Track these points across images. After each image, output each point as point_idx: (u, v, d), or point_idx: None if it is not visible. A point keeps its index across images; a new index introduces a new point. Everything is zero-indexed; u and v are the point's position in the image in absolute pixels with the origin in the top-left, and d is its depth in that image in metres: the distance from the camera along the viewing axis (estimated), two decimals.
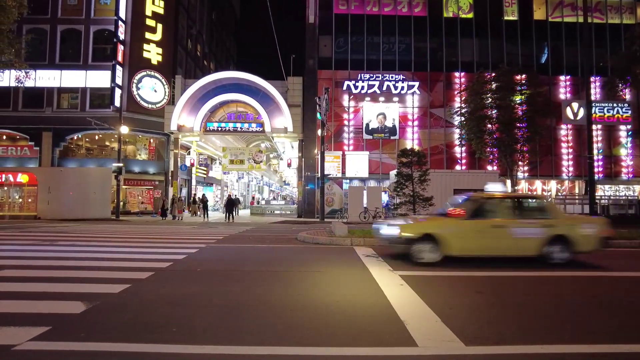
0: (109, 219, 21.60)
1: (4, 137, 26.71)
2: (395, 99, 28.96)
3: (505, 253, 7.71)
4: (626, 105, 29.34)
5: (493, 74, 25.45)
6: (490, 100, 25.14)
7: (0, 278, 5.99)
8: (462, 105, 26.87)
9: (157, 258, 7.82)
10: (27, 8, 16.35)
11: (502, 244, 7.64)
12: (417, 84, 28.95)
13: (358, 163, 28.21)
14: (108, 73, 25.05)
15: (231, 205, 22.09)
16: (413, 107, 29.32)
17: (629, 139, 30.23)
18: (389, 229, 8.16)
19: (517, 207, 8.11)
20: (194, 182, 29.81)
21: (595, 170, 24.72)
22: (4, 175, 23.52)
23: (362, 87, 28.75)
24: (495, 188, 7.81)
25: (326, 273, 6.73)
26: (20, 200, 24.37)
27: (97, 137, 27.68)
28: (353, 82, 28.73)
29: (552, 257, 7.59)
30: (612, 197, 27.92)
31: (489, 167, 26.88)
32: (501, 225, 7.64)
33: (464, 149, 28.72)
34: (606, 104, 29.27)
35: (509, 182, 26.76)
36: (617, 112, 29.29)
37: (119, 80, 25.06)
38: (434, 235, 7.51)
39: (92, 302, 4.54)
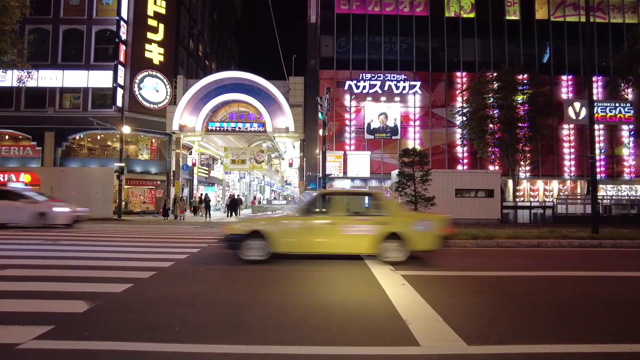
0: (111, 218, 21.65)
1: (7, 137, 26.80)
2: (397, 98, 28.97)
3: (338, 251, 7.51)
4: (628, 105, 29.31)
5: (495, 74, 25.49)
6: (492, 100, 25.18)
7: (3, 277, 6.01)
8: (464, 105, 26.89)
9: (159, 257, 7.84)
10: (30, 8, 16.40)
11: (333, 241, 7.43)
12: (418, 83, 28.95)
13: (359, 163, 28.22)
14: (110, 73, 25.10)
15: (234, 205, 22.14)
16: (414, 107, 29.32)
17: (632, 139, 30.18)
18: (224, 227, 7.96)
19: (352, 203, 7.89)
20: (195, 182, 29.86)
21: (598, 170, 24.69)
22: (6, 175, 23.60)
23: (364, 87, 28.77)
24: (343, 185, 7.75)
25: (328, 272, 6.74)
26: None
27: (99, 137, 27.74)
28: (354, 81, 28.75)
29: (387, 255, 7.35)
30: (614, 197, 27.87)
31: (491, 167, 26.87)
32: (332, 222, 7.47)
33: (465, 148, 28.72)
34: (608, 104, 29.23)
35: (510, 181, 26.75)
36: (620, 111, 29.25)
37: (120, 80, 25.11)
38: (262, 232, 7.36)
39: (94, 301, 4.56)
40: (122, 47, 25.41)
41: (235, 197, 23.79)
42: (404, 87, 28.91)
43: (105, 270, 6.64)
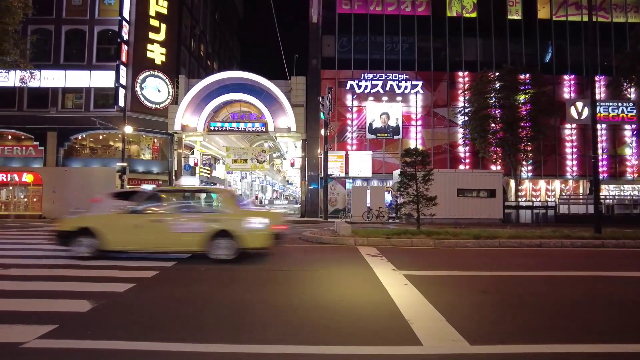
0: None
1: (9, 137, 26.87)
2: (399, 98, 28.92)
3: (168, 248, 7.54)
4: (631, 104, 29.17)
5: (497, 73, 25.43)
6: (493, 99, 25.12)
7: (6, 277, 6.05)
8: (466, 104, 26.83)
9: (161, 257, 7.85)
10: (32, 9, 16.41)
11: (163, 238, 7.40)
12: (420, 83, 28.89)
13: (361, 163, 28.20)
14: (112, 73, 25.15)
15: None
16: (416, 107, 29.27)
17: (634, 139, 30.05)
18: (57, 223, 7.93)
19: (184, 201, 7.92)
20: (197, 182, 29.90)
21: (600, 170, 24.63)
22: (9, 175, 23.72)
23: (366, 87, 28.72)
24: (191, 182, 7.62)
25: (330, 272, 6.75)
26: (26, 199, 24.57)
27: (101, 137, 27.80)
28: (356, 81, 28.71)
29: (217, 253, 7.31)
30: (616, 197, 27.77)
31: (493, 167, 26.81)
32: (160, 220, 7.49)
33: (467, 148, 28.65)
34: (611, 103, 29.10)
35: (512, 181, 26.71)
36: (622, 111, 29.12)
37: (123, 80, 25.15)
38: (91, 229, 7.37)
39: (98, 300, 4.58)
40: (124, 47, 25.45)
41: None
42: (405, 87, 28.85)
43: (108, 269, 6.66)
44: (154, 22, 26.86)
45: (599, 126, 27.11)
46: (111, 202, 14.30)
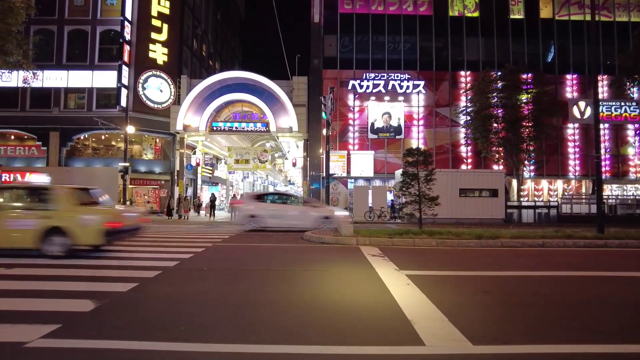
0: None
1: (12, 137, 26.96)
2: (401, 98, 28.89)
3: (2, 245, 7.65)
4: (634, 104, 29.06)
5: (499, 73, 25.37)
6: (496, 99, 25.08)
7: (10, 276, 6.07)
8: (468, 104, 26.78)
9: (164, 257, 7.87)
10: (35, 9, 16.45)
11: None
12: (422, 83, 28.85)
13: (363, 162, 28.19)
14: (114, 73, 25.18)
15: None
16: (418, 107, 29.24)
17: (637, 138, 29.96)
18: None
19: (22, 197, 8.03)
20: (199, 182, 29.93)
21: (603, 169, 24.52)
22: (12, 175, 23.77)
23: (367, 87, 28.70)
24: (41, 179, 7.68)
25: (332, 272, 6.74)
26: None
27: (103, 137, 27.87)
28: (358, 81, 28.69)
29: (50, 249, 7.44)
30: (619, 197, 27.68)
31: (495, 167, 26.76)
32: None
33: (469, 148, 28.61)
34: (614, 103, 29.00)
35: (514, 181, 26.65)
36: (625, 110, 29.02)
37: (125, 81, 25.19)
38: None
39: (100, 300, 4.59)
40: (126, 48, 25.49)
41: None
42: (407, 87, 28.81)
43: (110, 269, 6.68)
44: (156, 22, 26.90)
45: (601, 126, 27.00)
46: (252, 202, 14.96)
